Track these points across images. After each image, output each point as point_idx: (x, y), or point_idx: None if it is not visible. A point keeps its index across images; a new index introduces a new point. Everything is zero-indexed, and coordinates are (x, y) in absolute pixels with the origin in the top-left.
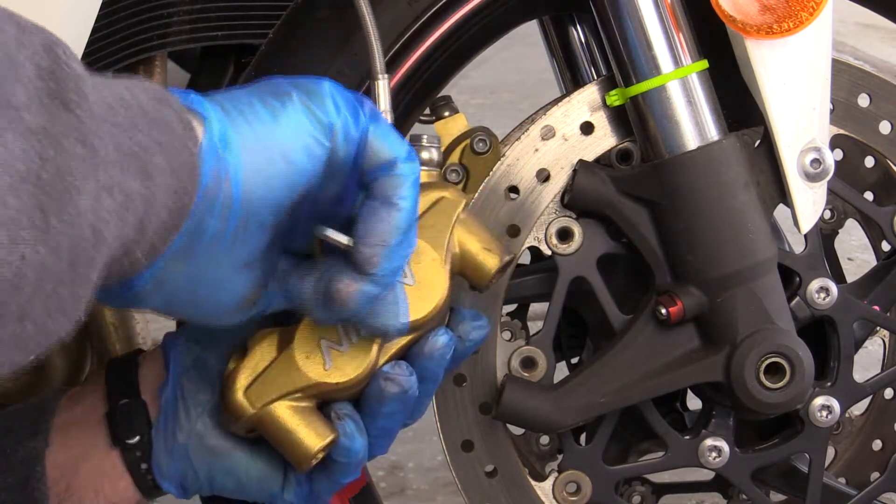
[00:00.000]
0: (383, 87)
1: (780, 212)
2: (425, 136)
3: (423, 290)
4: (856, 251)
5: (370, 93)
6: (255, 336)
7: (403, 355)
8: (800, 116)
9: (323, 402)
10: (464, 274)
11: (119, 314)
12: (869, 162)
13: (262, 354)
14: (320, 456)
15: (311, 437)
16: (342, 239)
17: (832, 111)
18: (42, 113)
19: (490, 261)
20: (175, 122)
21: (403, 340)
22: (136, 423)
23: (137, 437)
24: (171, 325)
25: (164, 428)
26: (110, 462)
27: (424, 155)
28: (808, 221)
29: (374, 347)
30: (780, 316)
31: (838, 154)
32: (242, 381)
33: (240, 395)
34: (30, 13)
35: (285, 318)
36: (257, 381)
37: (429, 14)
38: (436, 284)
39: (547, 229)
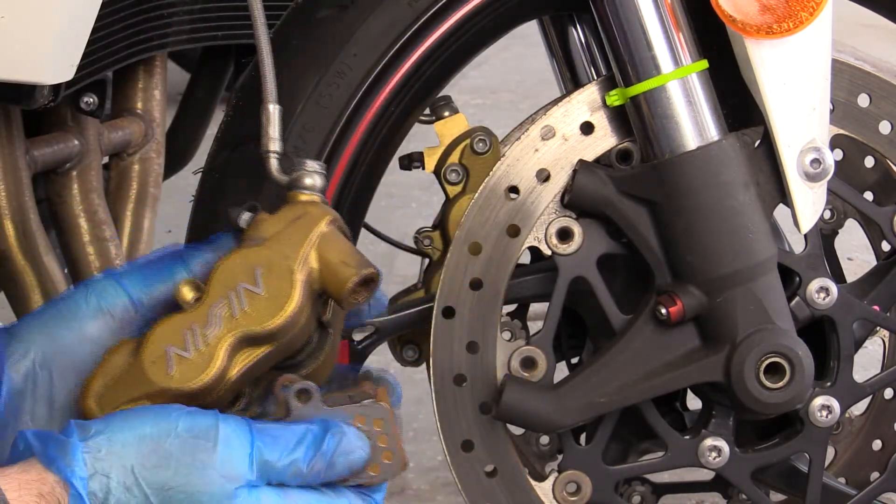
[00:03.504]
0: (274, 114)
1: (780, 212)
2: (308, 162)
3: (271, 300)
4: (856, 251)
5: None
6: (114, 345)
7: (259, 369)
8: (800, 116)
9: None
10: (324, 288)
11: None
12: (869, 162)
13: (117, 361)
14: None
15: None
16: None
17: (832, 111)
18: None
19: (345, 272)
20: None
21: (258, 351)
22: None
23: None
24: None
25: None
26: None
27: (307, 181)
28: (808, 221)
29: (221, 355)
30: (780, 316)
31: (838, 154)
32: (95, 386)
33: (91, 401)
34: (30, 13)
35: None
36: (109, 386)
37: (429, 14)
38: (285, 295)
39: (547, 229)
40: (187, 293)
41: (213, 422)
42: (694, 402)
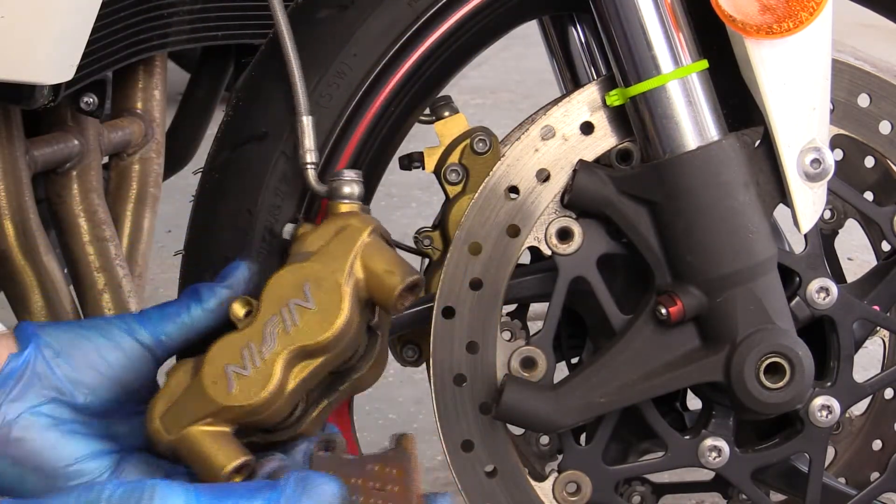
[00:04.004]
0: (308, 125)
1: (780, 212)
2: (345, 171)
3: (322, 314)
4: (856, 251)
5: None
6: (174, 366)
7: (315, 378)
8: (800, 116)
9: (241, 426)
10: (371, 296)
11: (118, 312)
12: (869, 162)
13: (178, 382)
14: (236, 479)
15: (221, 458)
16: None
17: (832, 111)
18: None
19: (391, 281)
20: None
21: (313, 363)
22: None
23: None
24: None
25: None
26: None
27: (346, 189)
28: (808, 221)
29: (278, 370)
30: (780, 316)
31: (838, 154)
32: (159, 408)
33: (157, 422)
34: (30, 13)
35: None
36: (172, 408)
37: (429, 14)
38: (335, 308)
39: (547, 229)
40: (239, 310)
41: (148, 484)
42: (694, 402)
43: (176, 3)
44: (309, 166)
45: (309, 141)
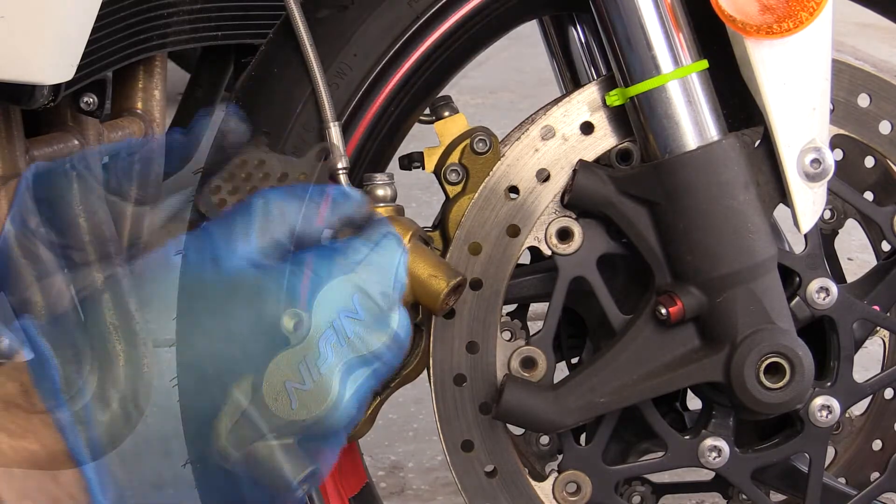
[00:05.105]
0: (337, 132)
1: (780, 212)
2: (377, 175)
3: (373, 323)
4: (856, 251)
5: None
6: (236, 383)
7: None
8: (800, 116)
9: (304, 436)
10: (417, 300)
11: (119, 314)
12: (869, 162)
13: (240, 400)
14: (305, 487)
15: (290, 471)
16: None
17: (832, 111)
18: None
19: (436, 285)
20: None
21: (368, 370)
22: None
23: None
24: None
25: None
26: None
27: (379, 192)
28: (808, 221)
29: (335, 382)
30: (780, 316)
31: (838, 154)
32: (224, 427)
33: (223, 441)
34: (30, 13)
35: None
36: (236, 426)
37: (429, 14)
38: (384, 316)
39: (547, 229)
40: (288, 322)
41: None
42: (694, 402)
43: (176, 3)
44: (341, 171)
45: (340, 147)
